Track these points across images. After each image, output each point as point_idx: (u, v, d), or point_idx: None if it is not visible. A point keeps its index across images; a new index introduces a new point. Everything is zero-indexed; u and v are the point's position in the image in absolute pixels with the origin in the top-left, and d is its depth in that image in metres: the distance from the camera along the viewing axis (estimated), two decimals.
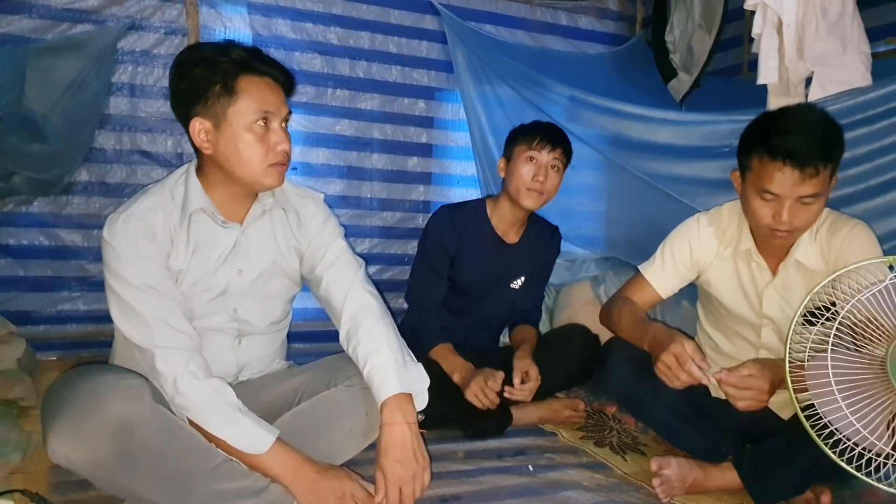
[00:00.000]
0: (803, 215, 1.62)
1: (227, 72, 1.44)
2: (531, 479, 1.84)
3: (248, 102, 1.44)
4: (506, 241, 2.32)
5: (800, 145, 1.54)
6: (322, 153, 3.36)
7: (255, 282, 1.62)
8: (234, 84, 1.44)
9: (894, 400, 1.33)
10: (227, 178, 1.51)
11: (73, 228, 2.96)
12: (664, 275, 1.93)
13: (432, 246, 2.27)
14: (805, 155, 1.54)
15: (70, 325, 2.99)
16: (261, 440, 1.39)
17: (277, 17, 3.19)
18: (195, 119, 1.46)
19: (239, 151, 1.46)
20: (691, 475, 1.74)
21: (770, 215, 1.64)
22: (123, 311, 1.43)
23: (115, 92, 2.96)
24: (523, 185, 2.16)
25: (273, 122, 1.48)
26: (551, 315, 3.18)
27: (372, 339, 1.55)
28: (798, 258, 1.73)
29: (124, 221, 1.45)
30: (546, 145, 2.16)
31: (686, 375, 1.58)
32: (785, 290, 1.78)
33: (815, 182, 1.56)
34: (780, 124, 1.61)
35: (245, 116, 1.44)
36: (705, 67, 3.05)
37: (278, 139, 1.48)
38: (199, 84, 1.44)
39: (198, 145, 1.48)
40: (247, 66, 1.46)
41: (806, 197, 1.58)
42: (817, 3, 2.09)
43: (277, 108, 1.49)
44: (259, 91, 1.46)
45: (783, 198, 1.60)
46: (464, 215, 2.30)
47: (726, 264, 1.86)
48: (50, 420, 1.30)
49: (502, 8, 3.62)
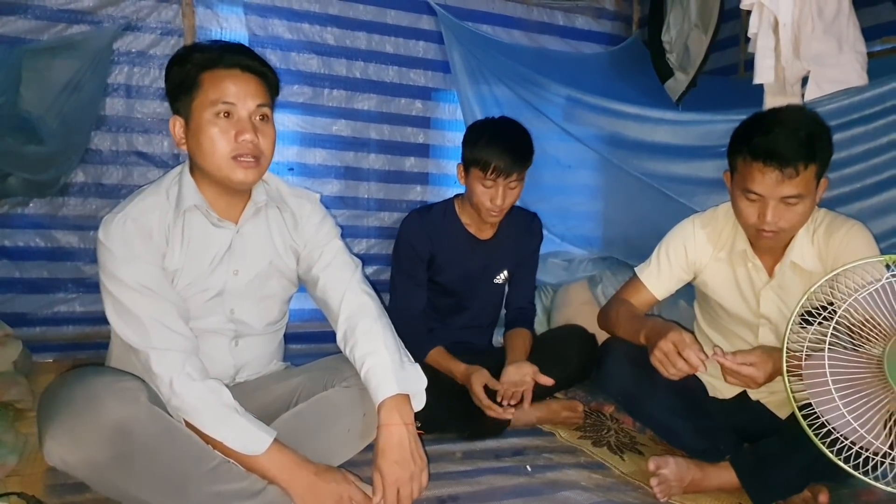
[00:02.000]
0: (788, 216, 1.62)
1: (193, 67, 1.45)
2: (529, 479, 1.84)
3: (208, 94, 1.44)
4: (479, 237, 2.29)
5: (780, 145, 1.56)
6: (319, 153, 3.35)
7: (252, 282, 1.61)
8: (197, 78, 1.44)
9: (891, 399, 1.33)
10: (203, 173, 1.52)
11: (69, 230, 2.96)
12: (660, 277, 1.94)
13: (405, 253, 2.25)
14: (785, 155, 1.55)
15: (66, 327, 2.98)
16: (258, 441, 1.39)
17: (274, 17, 3.18)
18: (173, 116, 1.49)
19: (202, 144, 1.45)
20: (689, 475, 1.74)
21: (755, 215, 1.65)
22: (119, 313, 1.43)
23: (112, 93, 2.96)
24: (483, 207, 2.12)
25: (238, 113, 1.45)
26: (549, 315, 3.18)
27: (369, 340, 1.54)
28: (794, 259, 1.73)
29: (120, 222, 1.45)
30: (501, 174, 2.05)
31: (683, 363, 1.58)
32: (782, 291, 1.78)
33: (796, 182, 1.57)
34: (763, 125, 1.63)
35: (206, 108, 1.44)
36: (702, 67, 3.06)
37: (240, 129, 1.44)
38: (174, 82, 1.47)
39: (175, 142, 1.50)
40: (214, 60, 1.46)
41: (789, 197, 1.59)
42: (813, 3, 2.09)
43: (240, 98, 1.45)
44: (221, 82, 1.44)
45: (766, 198, 1.61)
46: (433, 218, 2.28)
47: (722, 265, 1.86)
48: (46, 422, 1.29)
49: (499, 8, 3.61)
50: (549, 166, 3.21)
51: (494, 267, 2.33)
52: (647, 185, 2.74)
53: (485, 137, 2.10)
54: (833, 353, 1.37)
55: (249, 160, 1.46)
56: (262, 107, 1.48)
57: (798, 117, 1.63)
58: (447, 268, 2.28)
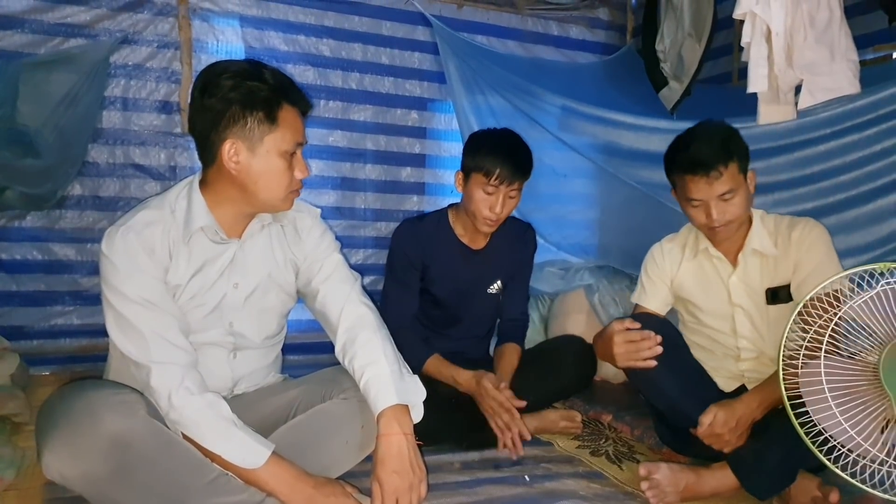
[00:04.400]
0: (731, 209, 1.84)
1: (270, 99, 1.45)
2: (527, 489, 1.84)
3: (286, 132, 1.48)
4: (472, 247, 2.29)
5: (700, 154, 1.81)
6: (315, 164, 3.35)
7: (251, 296, 1.62)
8: (276, 112, 1.46)
9: (887, 406, 1.34)
10: (244, 197, 1.52)
11: (66, 243, 2.96)
12: (649, 294, 2.10)
13: (399, 260, 2.25)
14: (706, 161, 1.79)
15: (64, 340, 2.98)
16: (256, 454, 1.38)
17: (270, 29, 3.20)
18: (228, 140, 1.45)
19: (269, 177, 1.49)
20: (684, 480, 1.74)
21: (703, 217, 1.87)
22: (120, 326, 1.43)
23: (108, 106, 2.97)
24: (480, 215, 2.12)
25: (299, 152, 1.53)
26: (546, 324, 3.19)
27: (369, 351, 1.55)
28: (755, 247, 1.91)
29: (123, 235, 1.45)
30: (504, 181, 2.06)
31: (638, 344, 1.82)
32: (747, 276, 1.95)
33: (724, 180, 1.80)
34: (681, 142, 1.91)
35: (282, 145, 1.48)
36: (696, 76, 3.07)
37: (301, 169, 1.54)
38: (237, 107, 1.43)
39: (226, 165, 1.46)
40: (286, 94, 1.49)
41: (724, 194, 1.81)
42: (805, 12, 2.11)
43: (305, 138, 1.55)
44: (295, 122, 1.51)
45: (705, 200, 1.84)
46: (426, 227, 2.27)
47: (692, 265, 2.04)
48: (44, 436, 1.29)
49: (493, 19, 3.64)
50: (545, 175, 3.22)
51: (487, 277, 2.33)
52: (642, 194, 2.75)
53: (489, 145, 2.12)
54: (829, 361, 1.37)
55: (297, 194, 1.58)
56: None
57: (708, 127, 1.90)
58: (439, 278, 2.27)
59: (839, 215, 2.22)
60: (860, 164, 2.21)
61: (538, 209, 3.22)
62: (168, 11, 3.02)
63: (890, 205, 2.17)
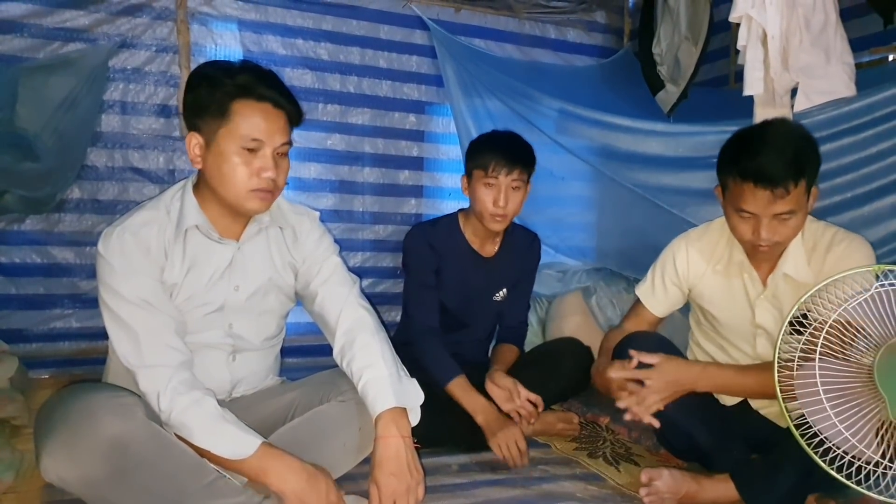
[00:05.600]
0: (782, 230, 1.65)
1: (225, 94, 1.44)
2: (525, 491, 1.84)
3: (238, 127, 1.44)
4: (483, 254, 2.31)
5: (768, 166, 1.57)
6: (314, 168, 3.37)
7: (251, 298, 1.63)
8: (228, 106, 1.44)
9: (882, 408, 1.34)
10: (214, 195, 1.53)
11: (65, 246, 2.96)
12: (655, 296, 1.99)
13: (417, 262, 2.26)
14: (774, 176, 1.57)
15: (63, 343, 2.98)
16: (245, 445, 1.38)
17: (268, 33, 3.21)
18: (192, 133, 1.48)
19: (223, 172, 1.47)
20: (684, 487, 1.72)
21: (749, 232, 1.68)
22: (116, 325, 1.44)
23: (107, 109, 2.97)
24: (486, 212, 2.14)
25: (264, 149, 1.47)
26: (543, 326, 3.19)
27: (367, 354, 1.55)
28: (787, 271, 1.75)
29: (119, 235, 1.46)
30: (502, 170, 2.10)
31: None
32: (776, 301, 1.80)
33: (787, 200, 1.59)
34: (749, 145, 1.65)
35: (233, 140, 1.45)
36: (692, 79, 3.08)
37: (264, 166, 1.47)
38: (201, 100, 1.46)
39: (190, 158, 1.50)
40: (247, 90, 1.45)
41: (782, 214, 1.62)
42: (801, 15, 2.12)
43: (269, 135, 1.47)
44: (252, 117, 1.45)
45: (759, 216, 1.63)
46: (438, 232, 2.28)
47: (718, 278, 1.88)
48: (43, 439, 1.30)
49: (491, 22, 3.64)
50: (543, 178, 3.21)
51: (495, 285, 2.35)
52: (639, 197, 2.76)
53: (486, 143, 2.20)
54: (824, 364, 1.38)
55: (266, 193, 1.49)
56: (286, 144, 1.52)
57: (784, 134, 1.65)
58: (449, 283, 2.28)
59: (835, 218, 2.22)
60: (856, 166, 2.22)
61: (536, 212, 3.22)
62: (167, 15, 3.02)
63: (886, 207, 2.18)
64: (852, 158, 2.23)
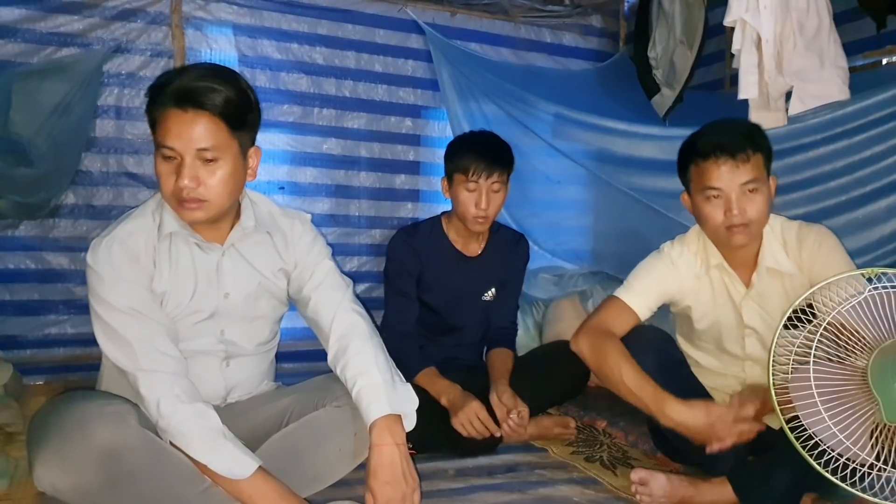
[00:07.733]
0: (752, 206, 1.69)
1: (152, 100, 1.43)
2: (522, 495, 1.84)
3: (157, 135, 1.42)
4: (467, 254, 2.31)
5: (725, 137, 1.69)
6: (309, 172, 3.37)
7: (243, 304, 1.62)
8: (152, 115, 1.43)
9: (876, 410, 1.35)
10: None
11: (59, 252, 2.96)
12: (642, 295, 1.91)
13: (395, 270, 2.27)
14: (733, 144, 1.67)
15: (57, 349, 2.97)
16: (243, 466, 1.37)
17: (263, 38, 3.21)
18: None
19: (159, 183, 1.44)
20: (680, 491, 1.72)
21: (721, 213, 1.72)
22: (108, 335, 1.43)
23: (101, 115, 2.97)
24: (468, 214, 2.15)
25: (180, 157, 1.39)
26: (540, 330, 3.19)
27: (360, 360, 1.54)
28: (769, 265, 1.78)
29: (107, 246, 1.45)
30: (482, 173, 2.11)
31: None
32: (762, 299, 1.82)
33: (749, 167, 1.67)
34: (703, 131, 1.77)
35: (158, 150, 1.42)
36: (688, 83, 3.09)
37: (179, 174, 1.39)
38: (149, 113, 1.46)
39: None
40: (172, 97, 1.38)
41: (747, 183, 1.68)
42: (794, 19, 2.13)
43: (181, 142, 1.38)
44: (165, 123, 1.39)
45: (727, 190, 1.69)
46: (421, 236, 2.30)
47: (700, 283, 1.89)
48: (36, 448, 1.29)
49: (486, 26, 3.66)
50: (538, 182, 3.23)
51: (482, 284, 2.35)
52: (635, 200, 2.77)
53: (463, 145, 2.21)
54: (818, 366, 1.38)
55: (190, 203, 1.41)
56: (205, 151, 1.39)
57: (732, 121, 1.79)
58: (435, 286, 2.29)
59: (829, 220, 2.23)
60: (850, 169, 2.23)
61: (532, 216, 3.23)
62: (161, 20, 3.03)
63: (880, 209, 2.19)
64: (846, 162, 2.24)
